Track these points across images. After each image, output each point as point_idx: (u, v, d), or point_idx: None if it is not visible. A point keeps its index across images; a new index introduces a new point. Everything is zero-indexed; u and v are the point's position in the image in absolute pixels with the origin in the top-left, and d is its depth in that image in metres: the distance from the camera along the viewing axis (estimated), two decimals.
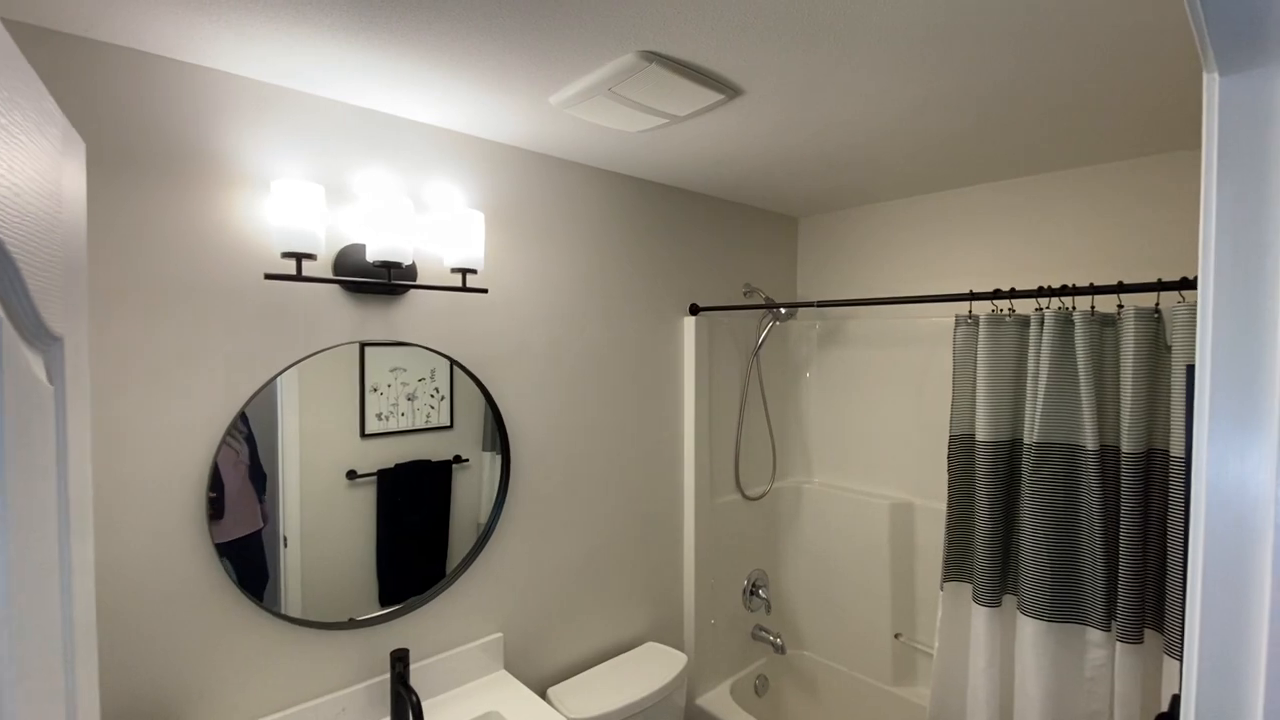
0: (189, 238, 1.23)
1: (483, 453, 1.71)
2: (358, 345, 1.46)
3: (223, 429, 1.27)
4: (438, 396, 1.62)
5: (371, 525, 1.49)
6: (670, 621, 2.24)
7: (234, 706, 1.29)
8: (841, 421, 2.57)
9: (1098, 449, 1.31)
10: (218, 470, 1.28)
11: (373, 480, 1.49)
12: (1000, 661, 1.43)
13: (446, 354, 1.60)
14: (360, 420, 1.49)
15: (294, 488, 1.39)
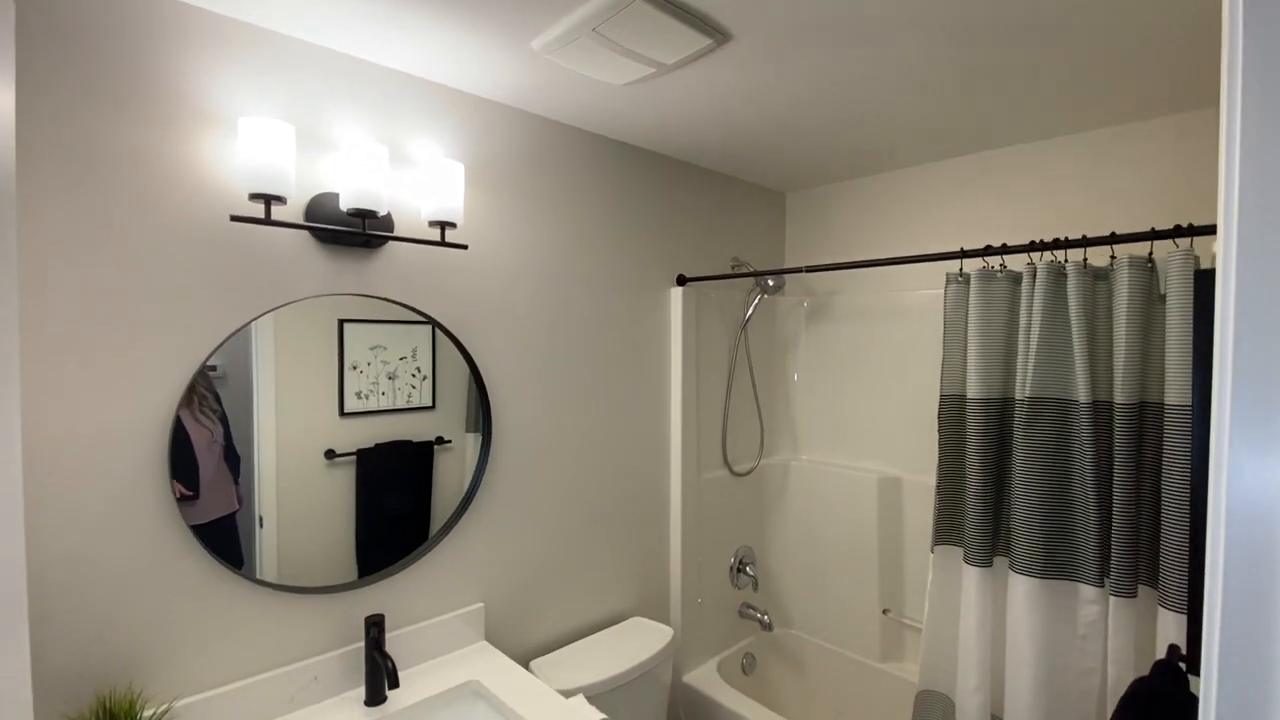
0: (148, 173, 1.16)
1: (466, 434, 1.66)
2: (336, 321, 1.41)
3: (187, 376, 1.21)
4: (419, 376, 1.57)
5: (351, 504, 1.44)
6: (656, 598, 2.21)
7: (200, 671, 1.24)
8: (829, 398, 2.54)
9: (1090, 402, 1.28)
10: (192, 449, 1.23)
11: (352, 460, 1.44)
12: (992, 622, 1.41)
13: (425, 312, 1.55)
14: (339, 398, 1.44)
15: (270, 467, 1.33)
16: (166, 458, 1.19)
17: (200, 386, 1.24)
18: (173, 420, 1.19)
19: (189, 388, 1.22)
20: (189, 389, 1.22)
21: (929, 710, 1.57)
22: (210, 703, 1.23)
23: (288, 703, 1.33)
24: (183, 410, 1.22)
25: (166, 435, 1.19)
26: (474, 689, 1.47)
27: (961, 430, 1.48)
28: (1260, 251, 0.48)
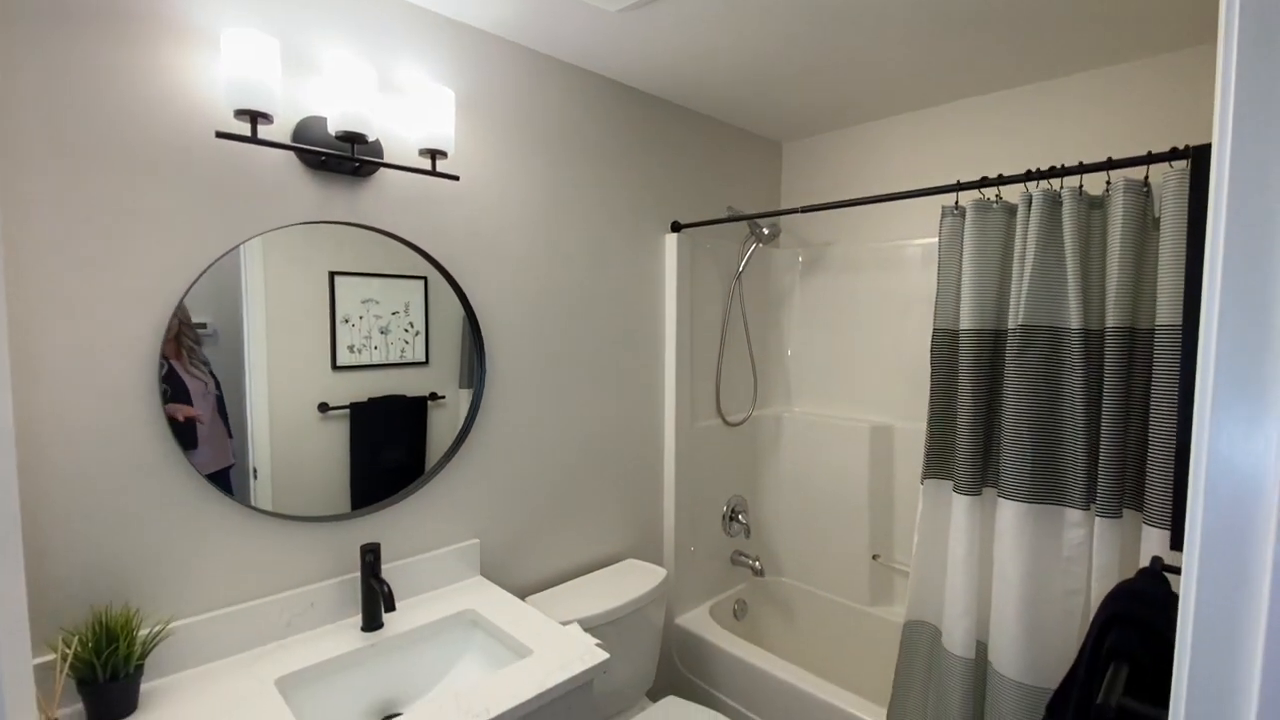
0: (131, 91, 1.13)
1: (460, 390, 1.66)
2: (327, 273, 1.39)
3: (178, 295, 1.19)
4: (412, 331, 1.56)
5: (345, 456, 1.44)
6: (650, 542, 2.23)
7: (196, 594, 1.24)
8: (823, 350, 2.55)
9: (1082, 329, 1.29)
10: (190, 398, 1.22)
11: (345, 414, 1.44)
12: (980, 550, 1.43)
13: (418, 246, 1.53)
14: (331, 352, 1.43)
15: (262, 419, 1.33)
16: (157, 379, 1.18)
17: (188, 339, 1.23)
18: (161, 339, 1.18)
19: (177, 335, 1.21)
20: (177, 337, 1.21)
21: (916, 639, 1.60)
22: (206, 624, 1.24)
23: (285, 627, 1.34)
24: (175, 361, 1.21)
25: (156, 354, 1.18)
26: (470, 618, 1.49)
27: (954, 363, 1.49)
28: (1256, 165, 0.47)
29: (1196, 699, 0.50)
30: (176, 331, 1.21)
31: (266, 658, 1.27)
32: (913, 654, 1.60)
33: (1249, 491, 0.47)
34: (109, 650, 1.05)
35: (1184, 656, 0.50)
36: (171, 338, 1.20)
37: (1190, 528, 0.50)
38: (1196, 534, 0.50)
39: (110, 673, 1.05)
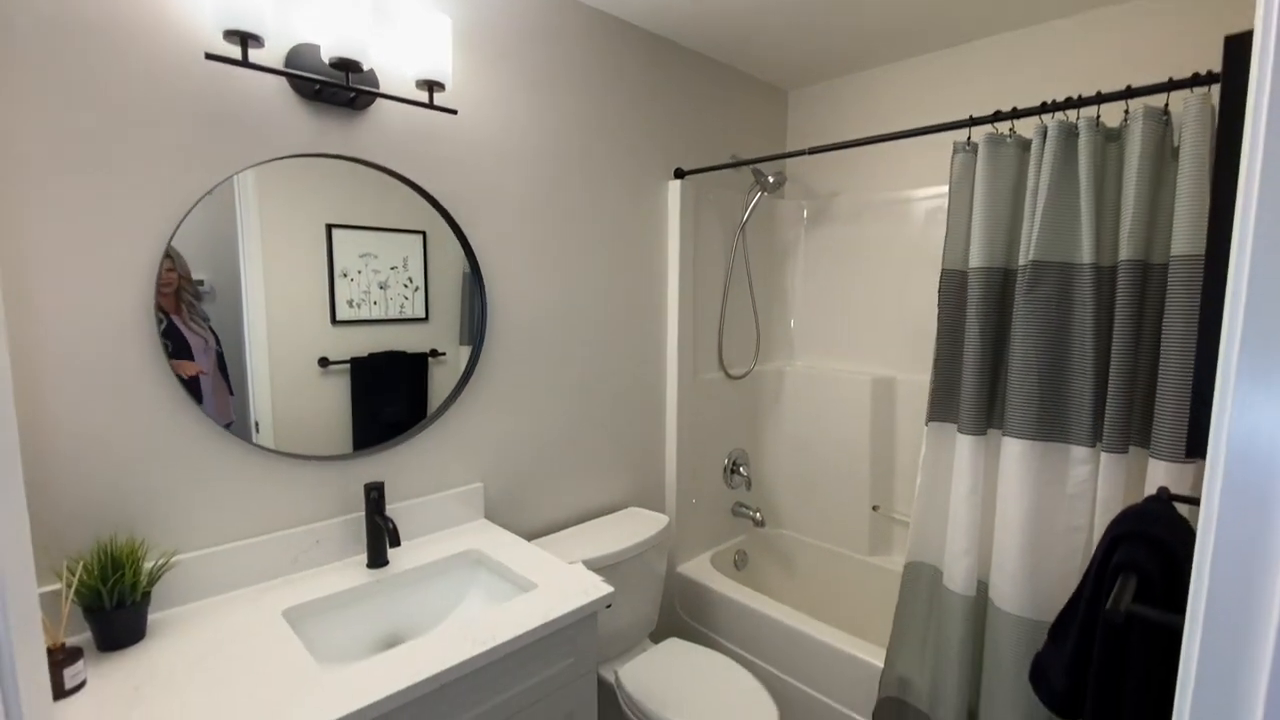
0: (116, 13, 1.09)
1: (460, 347, 1.64)
2: (324, 226, 1.36)
3: (173, 224, 1.17)
4: (411, 287, 1.53)
5: (346, 410, 1.43)
6: (652, 492, 2.24)
7: (201, 528, 1.25)
8: (827, 303, 2.53)
9: (1094, 264, 1.27)
10: (190, 352, 1.21)
11: (346, 369, 1.43)
12: (983, 489, 1.43)
13: (414, 181, 1.50)
14: (330, 306, 1.41)
15: (263, 373, 1.31)
16: (153, 307, 1.16)
17: (188, 294, 1.21)
18: (158, 266, 1.16)
19: (177, 290, 1.19)
20: (177, 292, 1.19)
21: (916, 580, 1.61)
22: (212, 558, 1.24)
23: (291, 563, 1.35)
24: (176, 317, 1.20)
25: (152, 287, 1.16)
26: (475, 557, 1.50)
27: (961, 304, 1.47)
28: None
29: (1216, 606, 0.49)
30: (176, 287, 1.20)
31: (273, 592, 1.27)
32: (913, 594, 1.62)
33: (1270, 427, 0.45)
34: (115, 577, 1.05)
35: (1205, 559, 0.49)
36: (171, 293, 1.19)
37: (1215, 441, 0.49)
38: (1222, 444, 0.48)
39: (116, 600, 1.05)
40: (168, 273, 1.18)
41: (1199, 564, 0.50)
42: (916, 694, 1.59)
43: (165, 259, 1.17)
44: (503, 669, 1.13)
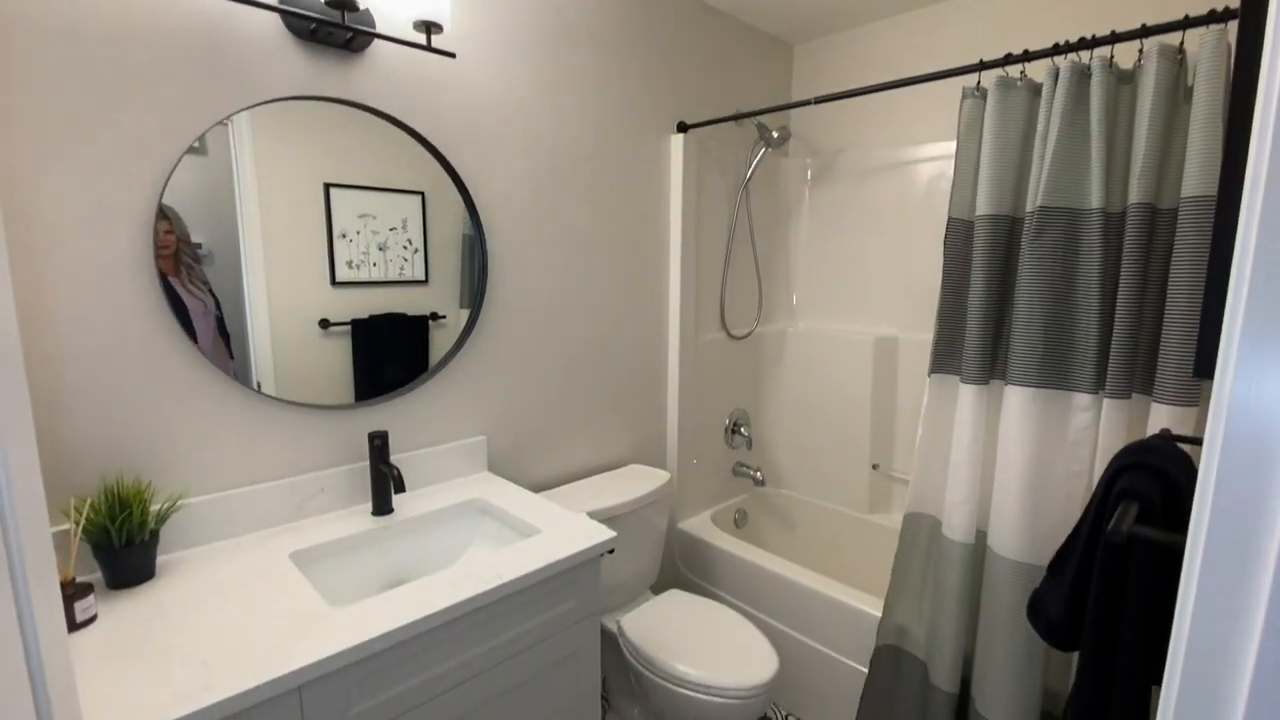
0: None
1: (460, 310, 1.63)
2: (322, 185, 1.34)
3: (171, 162, 1.15)
4: (411, 248, 1.52)
5: (348, 372, 1.43)
6: (653, 453, 2.25)
7: (207, 474, 1.25)
8: (831, 262, 2.51)
9: (1102, 209, 1.25)
10: (189, 317, 1.20)
11: (347, 331, 1.42)
12: (984, 439, 1.44)
13: (411, 126, 1.47)
14: (330, 267, 1.39)
15: (264, 335, 1.31)
16: (153, 252, 1.15)
17: (187, 257, 1.20)
18: (156, 206, 1.14)
19: (175, 252, 1.18)
20: (176, 254, 1.18)
21: (915, 531, 1.63)
22: (218, 503, 1.25)
23: (296, 510, 1.36)
24: (174, 279, 1.19)
25: (150, 225, 1.14)
26: (479, 506, 1.51)
27: (967, 253, 1.46)
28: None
29: (1219, 526, 0.49)
30: (175, 249, 1.19)
31: (279, 537, 1.29)
32: (911, 545, 1.63)
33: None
34: (122, 516, 1.06)
35: (1210, 476, 0.48)
36: (170, 255, 1.18)
37: (1223, 362, 0.48)
38: (1230, 365, 0.47)
39: (125, 539, 1.06)
40: (165, 234, 1.17)
41: (1203, 481, 0.50)
42: (913, 641, 1.62)
43: (163, 220, 1.16)
44: (508, 607, 1.15)
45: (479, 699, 1.13)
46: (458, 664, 1.08)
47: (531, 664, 1.21)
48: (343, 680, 0.94)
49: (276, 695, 0.86)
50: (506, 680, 1.17)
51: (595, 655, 1.34)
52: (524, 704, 1.21)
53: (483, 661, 1.12)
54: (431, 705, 1.05)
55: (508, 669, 1.16)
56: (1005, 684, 1.37)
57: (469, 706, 1.11)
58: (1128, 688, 0.86)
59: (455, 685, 1.08)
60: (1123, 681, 0.86)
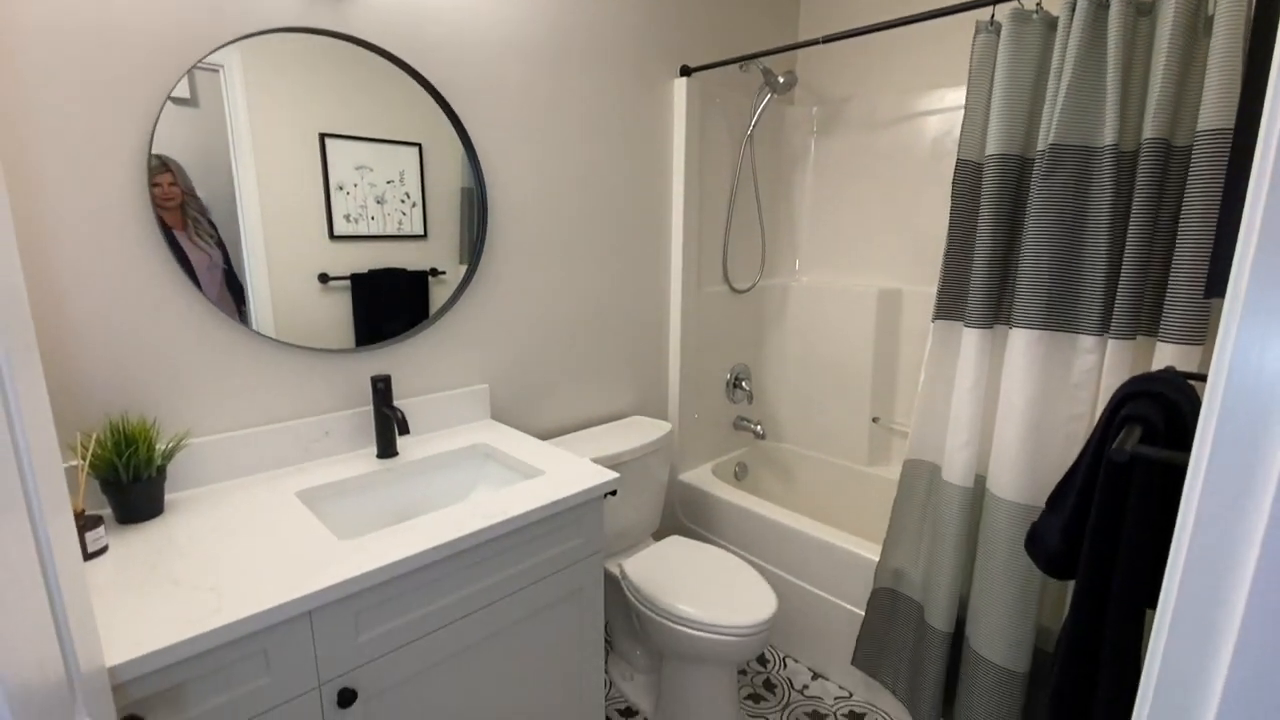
0: None
1: (459, 265, 1.61)
2: (318, 135, 1.31)
3: (163, 94, 1.12)
4: (409, 202, 1.49)
5: (349, 326, 1.43)
6: (655, 405, 2.26)
7: (212, 414, 1.26)
8: (835, 215, 2.47)
9: (1115, 145, 1.22)
10: (193, 272, 1.19)
11: (346, 285, 1.41)
12: (986, 383, 1.44)
13: (410, 64, 1.43)
14: (328, 220, 1.37)
15: (263, 290, 1.30)
16: (149, 198, 1.13)
17: (193, 210, 1.19)
18: (148, 140, 1.12)
19: (181, 204, 1.17)
20: (181, 206, 1.17)
21: (915, 477, 1.65)
22: (223, 443, 1.26)
23: (302, 452, 1.37)
24: (180, 233, 1.18)
25: (144, 155, 1.12)
26: (484, 450, 1.52)
27: (975, 194, 1.43)
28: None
29: (1223, 442, 0.48)
30: (180, 201, 1.17)
31: (285, 478, 1.30)
32: (911, 491, 1.65)
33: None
34: (129, 451, 1.06)
35: (1216, 394, 0.48)
36: (175, 207, 1.17)
37: (1236, 279, 0.46)
38: (1244, 281, 0.46)
39: (133, 474, 1.07)
40: (169, 187, 1.16)
41: (1210, 396, 0.49)
42: (910, 584, 1.65)
43: (165, 172, 1.15)
44: (514, 542, 1.17)
45: (486, 631, 1.15)
46: (465, 596, 1.11)
47: (537, 599, 1.23)
48: (352, 606, 0.96)
49: (288, 619, 0.88)
50: (513, 614, 1.19)
51: (599, 592, 1.37)
52: (530, 637, 1.24)
53: (489, 595, 1.14)
54: (440, 635, 1.08)
55: (513, 603, 1.19)
56: (1000, 621, 1.41)
57: (476, 638, 1.14)
58: (1122, 610, 0.87)
59: (463, 616, 1.11)
60: (1117, 604, 0.87)
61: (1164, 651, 0.50)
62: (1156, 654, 0.50)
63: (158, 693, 0.79)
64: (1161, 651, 0.50)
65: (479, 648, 1.16)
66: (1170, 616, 0.50)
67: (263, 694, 0.88)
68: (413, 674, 1.06)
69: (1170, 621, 0.50)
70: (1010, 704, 1.42)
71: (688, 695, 1.68)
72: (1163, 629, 0.50)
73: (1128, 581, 0.87)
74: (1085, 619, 0.93)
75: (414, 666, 1.05)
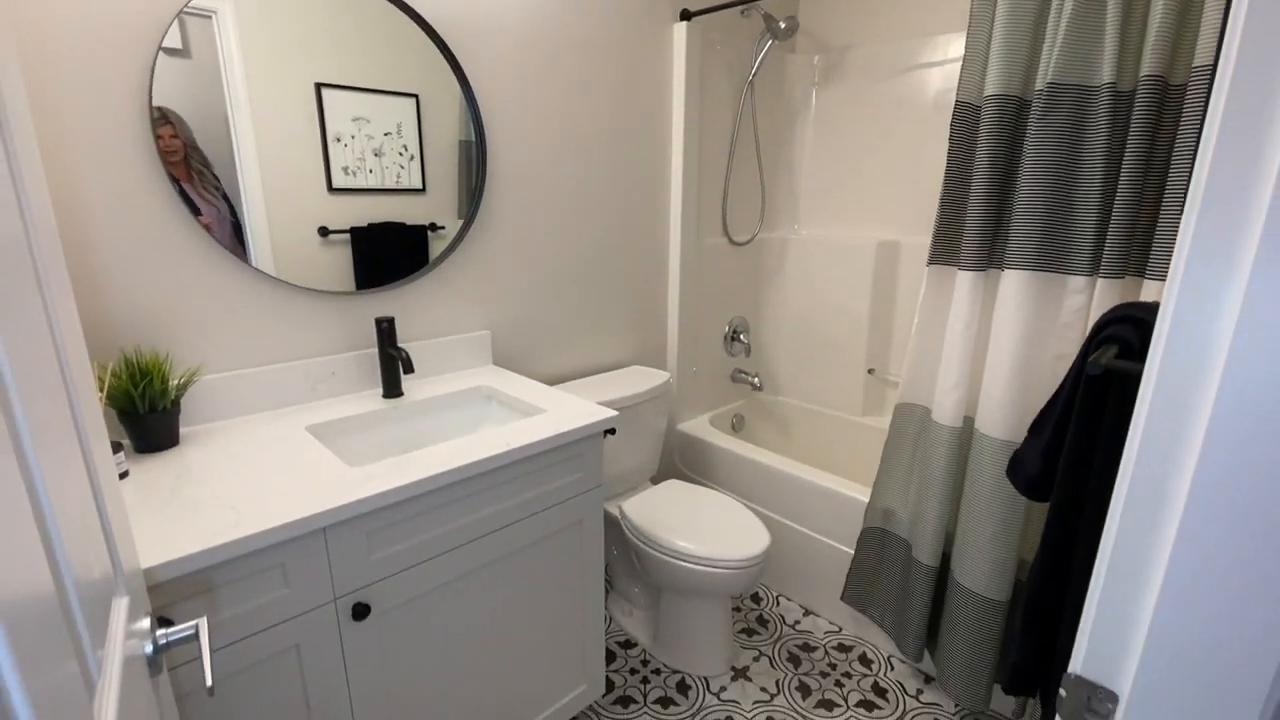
0: None
1: (458, 221, 1.61)
2: (314, 85, 1.31)
3: (161, 28, 1.12)
4: (406, 155, 1.49)
5: (349, 276, 1.44)
6: (653, 357, 2.30)
7: (221, 352, 1.29)
8: (835, 167, 2.46)
9: (1112, 84, 1.23)
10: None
11: (346, 239, 1.41)
12: (978, 325, 1.47)
13: (407, 1, 1.42)
14: (326, 173, 1.37)
15: (264, 242, 1.31)
16: (153, 140, 1.14)
17: (197, 162, 1.20)
18: (148, 80, 1.12)
19: (185, 157, 1.18)
20: (185, 159, 1.18)
21: (905, 420, 1.69)
22: (234, 380, 1.30)
23: (309, 391, 1.41)
24: (187, 185, 1.19)
25: (145, 96, 1.13)
26: (486, 392, 1.56)
27: (973, 138, 1.44)
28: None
29: (1170, 359, 0.51)
30: (184, 154, 1.19)
31: (294, 415, 1.34)
32: (901, 433, 1.70)
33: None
34: (144, 382, 1.10)
35: (1167, 312, 0.50)
36: (180, 160, 1.18)
37: (1185, 226, 0.48)
38: (1190, 226, 0.48)
39: (149, 405, 1.11)
40: (171, 139, 1.17)
41: (1161, 317, 0.51)
42: (898, 522, 1.71)
43: (166, 124, 1.16)
44: (518, 473, 1.22)
45: (492, 556, 1.21)
46: (471, 522, 1.16)
47: (540, 529, 1.29)
48: (364, 526, 1.01)
49: (304, 534, 0.93)
50: (516, 541, 1.25)
51: (599, 525, 1.43)
52: (534, 565, 1.30)
53: (493, 522, 1.20)
54: (448, 557, 1.14)
55: (517, 531, 1.24)
56: (983, 554, 1.47)
57: (482, 562, 1.20)
58: (1094, 518, 0.92)
59: (469, 541, 1.16)
60: (1090, 513, 0.92)
61: (1113, 544, 0.54)
62: (1107, 547, 0.55)
63: (185, 598, 0.84)
64: (1112, 543, 0.54)
65: (485, 572, 1.22)
66: (1120, 511, 0.54)
67: (283, 604, 0.94)
68: (423, 593, 1.12)
69: (1121, 511, 0.54)
70: (990, 631, 1.49)
71: (684, 627, 1.76)
72: (1114, 520, 0.54)
73: (1100, 490, 0.92)
74: (1060, 532, 0.98)
75: (424, 586, 1.11)
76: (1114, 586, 0.54)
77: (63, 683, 0.38)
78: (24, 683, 0.32)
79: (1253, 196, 0.44)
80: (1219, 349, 0.47)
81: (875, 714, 1.66)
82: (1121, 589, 0.54)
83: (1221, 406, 0.45)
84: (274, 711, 0.97)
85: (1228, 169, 0.45)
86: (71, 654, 0.41)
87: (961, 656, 1.54)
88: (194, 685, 0.87)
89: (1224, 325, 0.46)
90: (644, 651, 1.87)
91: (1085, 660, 0.57)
